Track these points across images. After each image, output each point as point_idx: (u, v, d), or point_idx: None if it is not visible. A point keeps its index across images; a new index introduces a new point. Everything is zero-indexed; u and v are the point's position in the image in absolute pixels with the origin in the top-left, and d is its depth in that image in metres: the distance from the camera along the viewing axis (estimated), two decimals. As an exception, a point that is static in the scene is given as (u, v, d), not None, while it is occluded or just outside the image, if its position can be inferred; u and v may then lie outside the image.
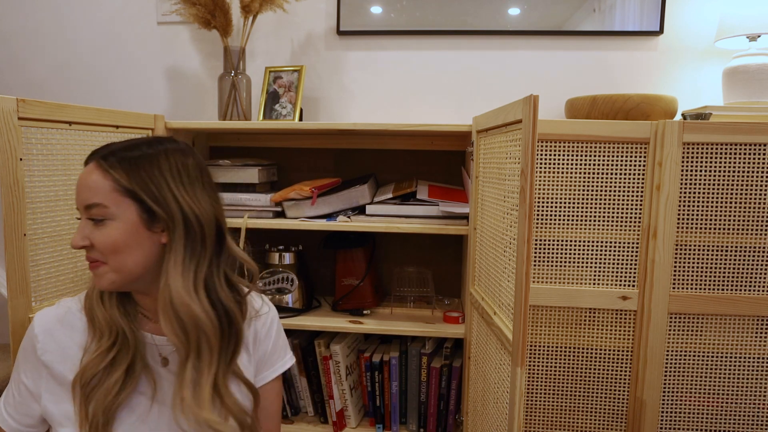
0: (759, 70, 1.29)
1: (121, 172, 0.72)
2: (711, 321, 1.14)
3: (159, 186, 0.73)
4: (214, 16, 1.45)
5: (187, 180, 0.75)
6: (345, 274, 1.42)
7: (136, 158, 0.74)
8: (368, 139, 1.54)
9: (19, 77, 1.72)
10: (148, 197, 0.72)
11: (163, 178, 0.74)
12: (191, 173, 0.76)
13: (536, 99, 0.78)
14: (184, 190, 0.75)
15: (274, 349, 0.89)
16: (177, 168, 0.75)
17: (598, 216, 1.15)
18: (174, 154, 0.76)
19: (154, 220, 0.73)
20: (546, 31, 1.51)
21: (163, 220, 0.73)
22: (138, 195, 0.72)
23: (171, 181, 0.74)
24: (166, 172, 0.74)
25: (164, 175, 0.74)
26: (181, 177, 0.75)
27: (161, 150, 0.76)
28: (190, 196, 0.75)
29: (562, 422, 1.20)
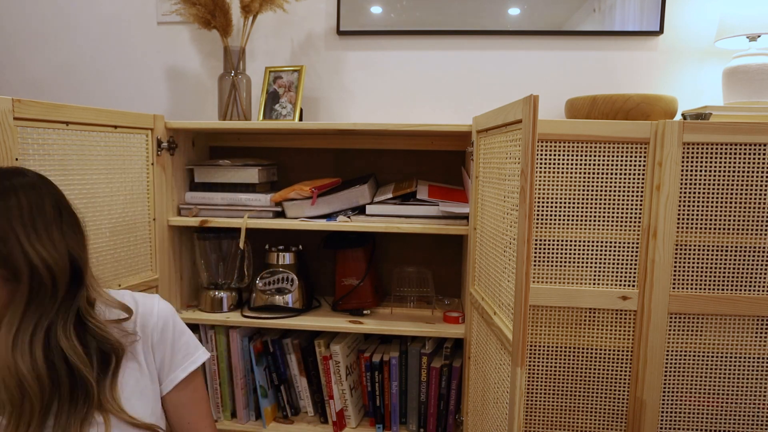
0: (759, 70, 1.29)
1: None
2: (711, 321, 1.14)
3: (4, 237, 0.63)
4: (214, 16, 1.44)
5: (41, 224, 0.66)
6: (345, 274, 1.42)
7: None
8: (368, 139, 1.54)
9: (19, 77, 1.72)
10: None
11: (10, 227, 0.64)
12: (47, 215, 0.67)
13: (536, 99, 0.78)
14: (36, 237, 0.65)
15: (174, 351, 0.84)
16: (30, 212, 0.66)
17: (598, 216, 1.15)
18: (27, 193, 0.66)
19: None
20: (546, 31, 1.51)
21: (5, 277, 0.64)
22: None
23: (20, 230, 0.64)
24: (16, 219, 0.64)
25: (12, 223, 0.64)
26: (34, 223, 0.65)
27: (10, 190, 0.66)
28: (42, 244, 0.65)
29: (562, 422, 1.20)
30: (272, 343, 1.41)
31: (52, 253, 0.66)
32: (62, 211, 0.71)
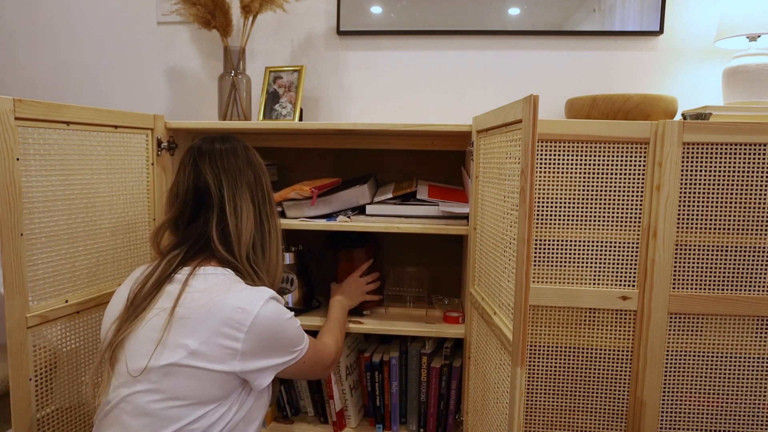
0: (759, 70, 1.29)
1: None
2: (711, 321, 1.14)
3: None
4: (214, 16, 1.44)
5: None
6: (347, 275, 1.42)
7: None
8: (368, 139, 1.54)
9: (19, 77, 1.72)
10: None
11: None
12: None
13: (536, 99, 0.78)
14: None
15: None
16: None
17: (598, 216, 1.15)
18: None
19: None
20: (546, 31, 1.51)
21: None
22: None
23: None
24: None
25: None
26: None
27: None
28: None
29: (562, 422, 1.20)
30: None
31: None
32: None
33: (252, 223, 0.98)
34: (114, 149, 1.18)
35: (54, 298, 1.03)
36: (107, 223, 1.16)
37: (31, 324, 0.98)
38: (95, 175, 1.13)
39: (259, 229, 1.00)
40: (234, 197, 0.97)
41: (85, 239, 1.10)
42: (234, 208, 0.97)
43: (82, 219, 1.09)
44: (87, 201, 1.11)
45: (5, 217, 0.93)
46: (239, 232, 0.96)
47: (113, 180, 1.18)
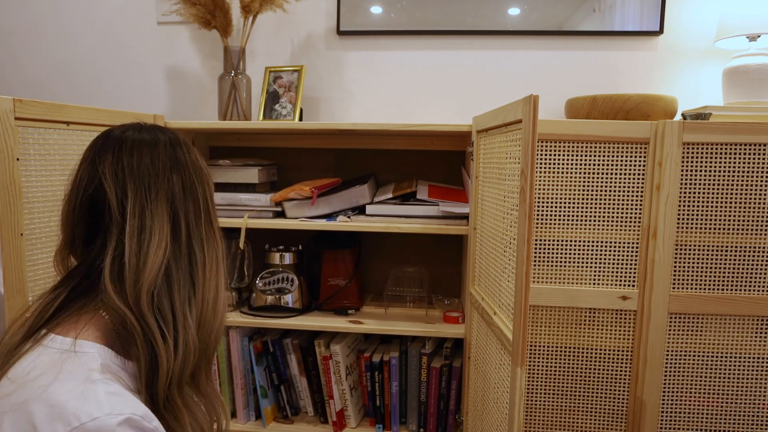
0: (759, 70, 1.29)
1: None
2: (711, 321, 1.14)
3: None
4: (214, 16, 1.44)
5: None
6: (331, 275, 1.42)
7: None
8: (368, 139, 1.54)
9: (19, 77, 1.72)
10: None
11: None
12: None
13: (536, 99, 0.78)
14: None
15: None
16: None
17: (598, 216, 1.15)
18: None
19: None
20: (546, 31, 1.51)
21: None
22: None
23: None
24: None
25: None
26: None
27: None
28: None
29: (562, 422, 1.20)
30: (272, 343, 1.41)
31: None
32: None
33: (163, 250, 0.64)
34: (114, 149, 1.18)
35: (54, 298, 1.03)
36: (107, 223, 1.16)
37: (31, 324, 0.98)
38: (95, 175, 1.13)
39: (180, 261, 0.66)
40: (140, 212, 0.64)
41: (85, 239, 1.10)
42: (138, 227, 0.64)
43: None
44: (87, 201, 1.10)
45: (5, 217, 0.93)
46: (139, 262, 0.62)
47: (113, 180, 1.17)
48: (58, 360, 0.57)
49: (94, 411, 0.52)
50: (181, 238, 0.67)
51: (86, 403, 0.53)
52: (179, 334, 0.63)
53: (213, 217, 0.73)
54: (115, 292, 0.62)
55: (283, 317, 1.37)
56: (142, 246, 0.63)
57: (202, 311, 0.66)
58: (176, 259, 0.66)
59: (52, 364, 0.56)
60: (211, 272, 0.69)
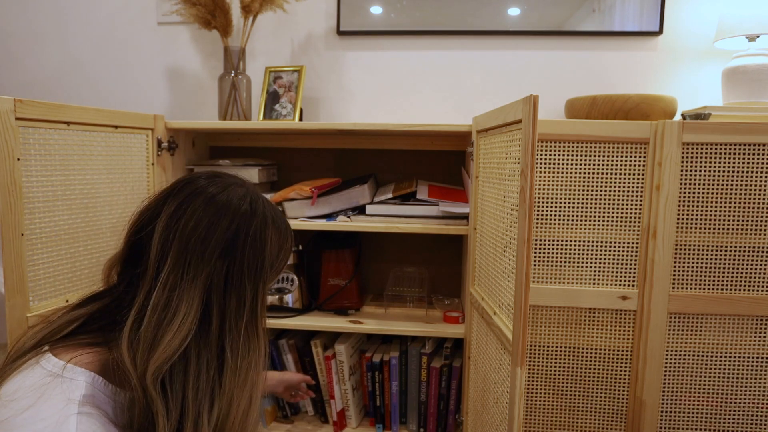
0: (758, 71, 1.29)
1: None
2: (710, 321, 1.14)
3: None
4: (215, 16, 1.44)
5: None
6: (331, 275, 1.42)
7: None
8: (368, 139, 1.54)
9: (19, 77, 1.72)
10: None
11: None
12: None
13: (536, 99, 0.78)
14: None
15: None
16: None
17: (598, 216, 1.15)
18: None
19: None
20: (546, 31, 1.51)
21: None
22: None
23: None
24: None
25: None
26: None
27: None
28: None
29: (562, 422, 1.20)
30: (268, 344, 1.41)
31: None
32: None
33: (182, 337, 0.57)
34: (114, 149, 1.18)
35: (54, 298, 1.03)
36: (107, 223, 1.16)
37: (32, 324, 0.98)
38: (95, 175, 1.13)
39: (203, 355, 0.58)
40: (171, 286, 0.58)
41: (85, 239, 1.10)
42: (164, 301, 0.58)
43: (82, 219, 1.09)
44: (87, 201, 1.11)
45: (6, 217, 0.93)
46: (154, 339, 0.57)
47: (113, 180, 1.18)
48: (42, 384, 0.55)
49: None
50: (211, 332, 0.59)
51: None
52: (185, 424, 0.57)
53: (259, 319, 0.63)
54: (128, 353, 0.57)
55: (283, 317, 1.37)
56: (161, 324, 0.58)
57: (228, 418, 0.59)
58: (199, 351, 0.58)
59: (35, 387, 0.55)
60: (245, 379, 0.61)
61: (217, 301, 0.59)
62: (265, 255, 0.62)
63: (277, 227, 0.64)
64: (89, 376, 0.57)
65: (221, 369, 0.59)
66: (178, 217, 0.60)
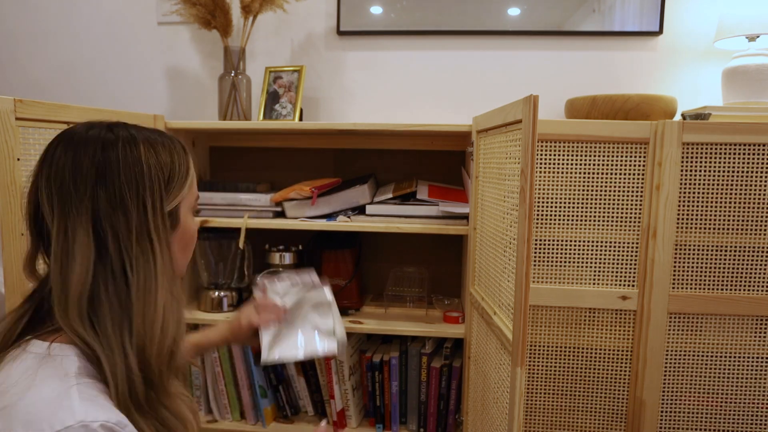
0: (758, 71, 1.29)
1: None
2: (710, 321, 1.14)
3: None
4: (215, 16, 1.45)
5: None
6: (331, 275, 1.42)
7: None
8: (368, 139, 1.54)
9: (19, 77, 1.72)
10: None
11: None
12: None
13: (536, 99, 0.78)
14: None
15: None
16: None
17: (598, 216, 1.15)
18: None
19: None
20: (546, 31, 1.51)
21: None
22: None
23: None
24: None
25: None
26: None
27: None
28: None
29: (562, 422, 1.20)
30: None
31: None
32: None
33: (84, 274, 0.58)
34: (114, 149, 1.18)
35: (54, 298, 1.03)
36: (107, 223, 1.16)
37: (32, 324, 0.98)
38: (95, 175, 1.13)
39: (110, 284, 0.60)
40: (63, 232, 0.60)
41: (86, 239, 1.10)
42: (61, 249, 0.59)
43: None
44: (87, 201, 1.10)
45: (5, 217, 0.93)
46: (63, 287, 0.59)
47: (113, 180, 1.17)
48: (34, 365, 0.56)
49: (67, 418, 0.52)
50: (110, 258, 0.60)
51: (60, 410, 0.52)
52: (116, 358, 0.58)
53: (153, 228, 0.62)
54: (59, 313, 0.59)
55: (283, 317, 1.37)
56: (66, 268, 0.59)
57: (144, 334, 0.60)
58: (105, 280, 0.60)
59: (27, 370, 0.56)
60: (148, 293, 0.61)
61: (107, 228, 0.60)
62: (143, 170, 0.63)
63: (150, 143, 0.65)
64: (77, 350, 0.59)
65: (128, 290, 0.60)
66: (47, 174, 0.61)
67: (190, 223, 0.70)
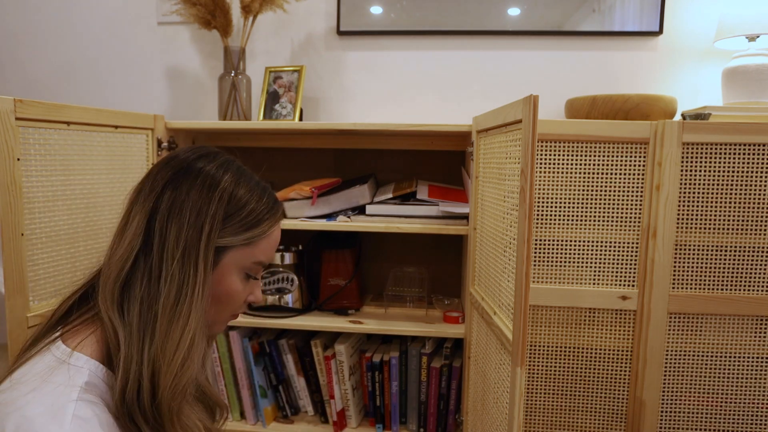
0: (758, 71, 1.29)
1: None
2: (710, 321, 1.14)
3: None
4: (215, 16, 1.44)
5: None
6: (331, 275, 1.42)
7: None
8: (368, 139, 1.54)
9: (19, 77, 1.72)
10: None
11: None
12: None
13: (536, 99, 0.78)
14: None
15: None
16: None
17: (598, 216, 1.15)
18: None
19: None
20: (546, 31, 1.51)
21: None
22: None
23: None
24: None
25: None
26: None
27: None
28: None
29: (562, 422, 1.20)
30: (268, 344, 1.41)
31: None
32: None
33: (129, 252, 0.62)
34: (114, 149, 1.18)
35: (54, 298, 1.03)
36: (107, 223, 1.16)
37: (32, 324, 0.98)
38: (95, 175, 1.13)
39: (143, 276, 0.61)
40: (126, 217, 0.65)
41: (86, 239, 1.10)
42: (121, 227, 0.65)
43: (82, 219, 1.09)
44: (87, 201, 1.11)
45: (6, 217, 0.93)
46: (109, 258, 0.63)
47: (113, 180, 1.18)
48: (49, 368, 0.57)
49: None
50: (152, 258, 0.61)
51: (52, 421, 0.53)
52: (133, 351, 0.58)
53: (201, 254, 0.62)
54: (100, 290, 0.62)
55: (283, 317, 1.37)
56: (113, 246, 0.63)
57: (163, 355, 0.59)
58: (141, 276, 0.61)
59: (42, 372, 0.57)
60: (176, 313, 0.60)
61: (159, 228, 0.62)
62: (215, 193, 0.64)
63: (239, 175, 0.67)
64: (93, 364, 0.59)
65: (158, 298, 0.60)
66: (150, 169, 0.67)
67: (231, 281, 0.66)
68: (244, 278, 0.68)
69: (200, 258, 0.62)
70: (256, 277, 0.70)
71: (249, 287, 0.70)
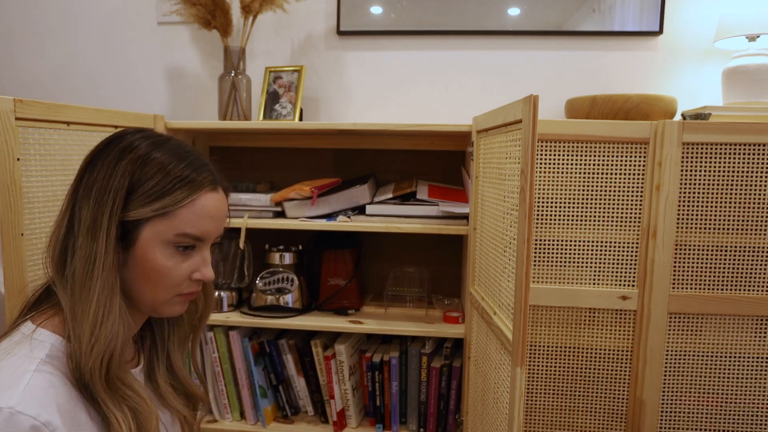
0: (758, 71, 1.29)
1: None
2: (710, 321, 1.14)
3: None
4: (214, 16, 1.44)
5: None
6: (331, 275, 1.42)
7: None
8: (368, 139, 1.54)
9: (19, 77, 1.72)
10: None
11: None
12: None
13: (536, 99, 0.78)
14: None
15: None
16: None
17: (598, 216, 1.15)
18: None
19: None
20: (546, 31, 1.51)
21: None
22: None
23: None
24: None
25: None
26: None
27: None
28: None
29: (562, 422, 1.20)
30: (268, 344, 1.41)
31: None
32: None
33: (59, 228, 0.67)
34: (114, 149, 1.18)
35: (54, 298, 1.03)
36: (107, 223, 1.16)
37: (32, 324, 0.98)
38: (95, 175, 1.13)
39: (74, 250, 0.64)
40: (66, 194, 0.69)
41: (86, 239, 1.10)
42: (62, 206, 0.69)
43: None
44: (87, 201, 1.10)
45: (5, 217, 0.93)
46: (51, 234, 0.68)
47: (113, 180, 1.17)
48: (14, 343, 0.62)
49: (9, 399, 0.55)
50: (73, 236, 0.65)
51: (9, 388, 0.56)
52: (77, 314, 0.63)
53: (102, 229, 0.63)
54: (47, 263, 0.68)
55: (283, 317, 1.37)
56: (55, 223, 0.67)
57: (76, 325, 0.62)
58: (73, 250, 0.64)
59: (7, 347, 0.62)
60: (83, 287, 0.63)
61: (77, 208, 0.65)
62: (118, 171, 0.64)
63: (155, 150, 0.67)
64: (54, 339, 0.63)
65: (74, 274, 0.64)
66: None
67: (155, 256, 0.65)
68: (174, 252, 0.66)
69: (102, 233, 0.63)
70: (193, 251, 0.68)
71: (190, 263, 0.68)
